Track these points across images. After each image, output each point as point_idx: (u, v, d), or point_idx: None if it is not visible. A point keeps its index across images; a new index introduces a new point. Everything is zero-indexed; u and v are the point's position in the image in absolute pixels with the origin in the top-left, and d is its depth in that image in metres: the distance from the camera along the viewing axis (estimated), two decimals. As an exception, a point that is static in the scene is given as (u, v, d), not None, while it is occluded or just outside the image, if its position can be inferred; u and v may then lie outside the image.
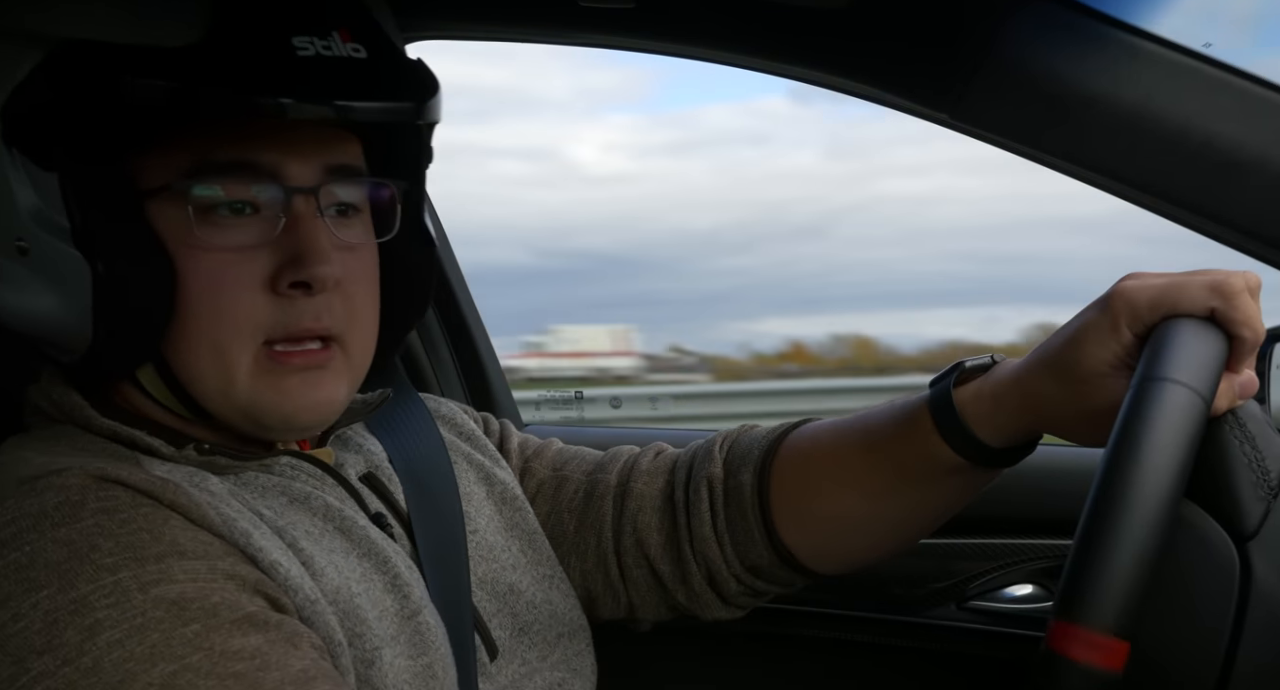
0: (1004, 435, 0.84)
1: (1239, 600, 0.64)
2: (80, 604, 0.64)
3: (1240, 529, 0.66)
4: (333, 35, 0.75)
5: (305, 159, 0.78)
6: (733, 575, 0.97)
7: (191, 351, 0.77)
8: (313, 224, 0.77)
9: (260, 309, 0.76)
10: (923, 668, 1.28)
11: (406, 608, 0.81)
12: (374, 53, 0.77)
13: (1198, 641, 0.64)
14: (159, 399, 0.80)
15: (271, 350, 0.78)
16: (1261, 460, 0.69)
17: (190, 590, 0.66)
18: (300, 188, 0.77)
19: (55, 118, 0.75)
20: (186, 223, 0.75)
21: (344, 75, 0.75)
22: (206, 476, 0.77)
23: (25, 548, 0.66)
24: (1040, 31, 0.88)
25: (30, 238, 0.76)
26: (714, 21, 1.01)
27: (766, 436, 0.98)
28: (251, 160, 0.76)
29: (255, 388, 0.77)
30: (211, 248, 0.75)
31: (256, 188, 0.76)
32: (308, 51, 0.74)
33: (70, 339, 0.77)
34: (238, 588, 0.68)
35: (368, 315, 0.83)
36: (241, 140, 0.76)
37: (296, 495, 0.81)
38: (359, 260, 0.82)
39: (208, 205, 0.75)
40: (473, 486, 0.98)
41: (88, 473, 0.70)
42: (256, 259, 0.76)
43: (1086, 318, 0.78)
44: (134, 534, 0.67)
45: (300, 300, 0.77)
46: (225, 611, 0.66)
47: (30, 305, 0.77)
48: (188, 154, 0.75)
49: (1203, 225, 0.88)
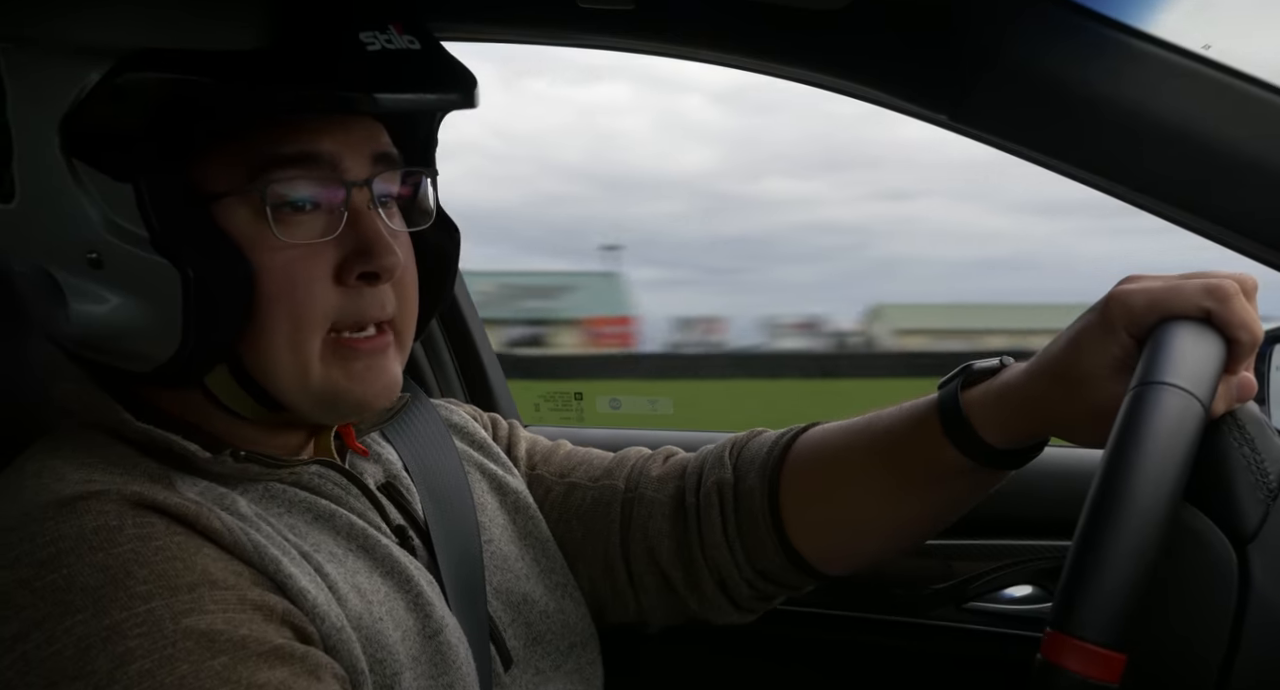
0: (1009, 437, 0.85)
1: (1238, 602, 0.64)
2: (113, 632, 0.65)
3: (1239, 531, 0.66)
4: (390, 29, 0.77)
5: (357, 151, 0.80)
6: (744, 579, 0.97)
7: (267, 347, 0.78)
8: (371, 216, 0.80)
9: (331, 300, 0.79)
10: (924, 669, 1.28)
11: (428, 627, 0.82)
12: (425, 44, 0.80)
13: (1196, 643, 0.64)
14: (227, 401, 0.81)
15: (340, 338, 0.80)
16: (1260, 462, 0.69)
17: (220, 622, 0.67)
18: (357, 181, 0.79)
19: (125, 127, 0.75)
20: (260, 222, 0.76)
21: (409, 67, 0.78)
22: (236, 499, 0.78)
23: (64, 570, 0.67)
24: (1040, 32, 0.88)
25: (104, 249, 0.76)
26: (714, 22, 1.01)
27: (775, 441, 0.99)
28: (314, 152, 0.78)
29: (329, 375, 0.79)
30: (284, 245, 0.77)
31: (320, 185, 0.78)
32: (374, 46, 0.76)
33: (154, 346, 0.77)
34: (265, 619, 0.70)
35: (414, 301, 0.86)
36: (303, 133, 0.77)
37: (321, 512, 0.82)
38: (405, 248, 0.84)
39: (277, 204, 0.77)
40: (485, 496, 0.99)
41: (124, 497, 0.71)
42: (324, 253, 0.78)
43: (1084, 321, 0.79)
44: (168, 562, 0.69)
45: (366, 290, 0.80)
46: (253, 644, 0.67)
47: (109, 317, 0.78)
48: (252, 152, 0.76)
49: (1202, 226, 0.88)
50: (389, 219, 0.82)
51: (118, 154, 0.75)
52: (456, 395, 1.54)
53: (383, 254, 0.79)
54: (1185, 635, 0.64)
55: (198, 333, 0.76)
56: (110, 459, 0.77)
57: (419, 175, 0.87)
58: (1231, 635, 0.63)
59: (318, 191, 0.78)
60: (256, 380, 0.79)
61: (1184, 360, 0.67)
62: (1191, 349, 0.68)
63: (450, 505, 0.93)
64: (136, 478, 0.75)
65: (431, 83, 0.80)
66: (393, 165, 0.83)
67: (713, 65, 1.05)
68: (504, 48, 1.13)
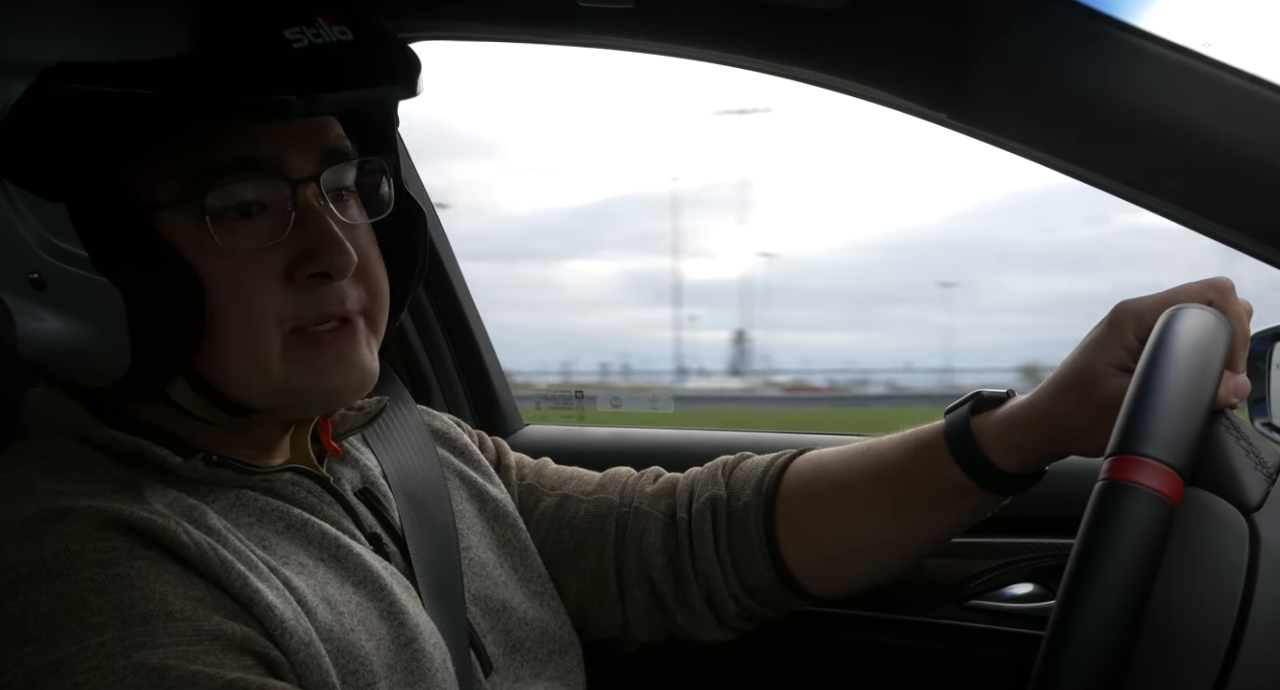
0: (1018, 460, 0.88)
1: (1250, 561, 0.66)
2: (62, 665, 0.64)
3: (1245, 503, 0.68)
4: (318, 21, 0.73)
5: (302, 147, 0.77)
6: (732, 596, 0.98)
7: (223, 356, 0.76)
8: (320, 213, 0.77)
9: (284, 301, 0.76)
10: (923, 667, 1.28)
11: (402, 635, 0.81)
12: (359, 33, 0.75)
13: (1212, 603, 0.65)
14: (192, 410, 0.79)
15: (299, 333, 0.78)
16: (1258, 453, 0.72)
17: (172, 656, 0.66)
18: (303, 178, 0.77)
19: (52, 145, 0.73)
20: (202, 231, 0.74)
21: (339, 62, 0.74)
22: (205, 511, 0.77)
23: (20, 598, 0.67)
24: (1040, 31, 0.88)
25: (44, 270, 0.74)
26: (714, 22, 1.01)
27: (770, 461, 1.00)
28: (253, 157, 0.75)
29: (290, 372, 0.77)
30: (228, 252, 0.75)
31: (263, 186, 0.75)
32: (301, 42, 0.72)
33: (106, 365, 0.76)
34: (223, 650, 0.68)
35: (384, 286, 0.83)
36: (239, 137, 0.75)
37: (293, 522, 0.81)
38: (365, 237, 0.82)
39: (219, 211, 0.74)
40: (464, 503, 0.98)
41: (90, 517, 0.70)
42: (273, 255, 0.76)
43: (1093, 334, 0.83)
44: (125, 591, 0.68)
45: (321, 288, 0.77)
46: (204, 681, 0.66)
47: (56, 338, 0.76)
48: (187, 160, 0.74)
49: (1203, 225, 0.88)
50: (344, 211, 0.79)
51: (47, 173, 0.73)
52: (459, 396, 1.54)
53: (333, 253, 0.76)
54: (1202, 596, 0.65)
55: (148, 351, 0.74)
56: (81, 466, 0.76)
57: (375, 161, 0.83)
58: (1244, 594, 0.64)
59: (260, 194, 0.75)
60: (217, 389, 0.77)
61: (1192, 340, 0.70)
62: (1199, 334, 0.71)
63: (427, 511, 0.92)
64: (106, 487, 0.74)
65: (369, 75, 0.76)
66: (344, 157, 0.80)
67: (713, 65, 1.05)
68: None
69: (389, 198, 0.84)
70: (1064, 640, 0.58)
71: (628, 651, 1.06)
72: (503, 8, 1.10)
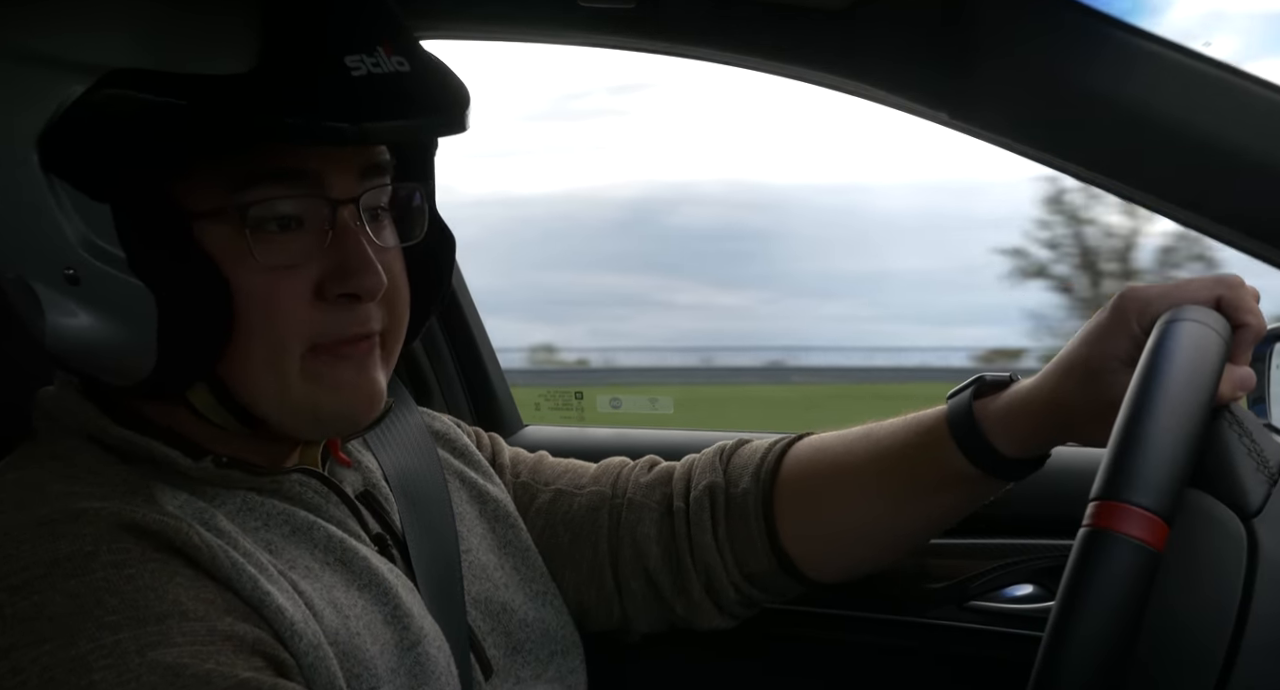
0: (1021, 445, 0.88)
1: (1247, 570, 0.65)
2: (78, 663, 0.65)
3: (1245, 508, 0.68)
4: (377, 51, 0.74)
5: (346, 165, 0.78)
6: (731, 583, 0.98)
7: (246, 366, 0.76)
8: (356, 234, 0.78)
9: (311, 319, 0.77)
10: (923, 668, 1.28)
11: (406, 639, 0.81)
12: (415, 64, 0.76)
13: (1210, 610, 0.65)
14: (207, 414, 0.80)
15: (318, 349, 0.78)
16: (1260, 451, 0.71)
17: (186, 655, 0.66)
18: (343, 199, 0.77)
19: (104, 146, 0.73)
20: (240, 241, 0.74)
21: (396, 92, 0.75)
22: (215, 514, 0.77)
23: (34, 597, 0.67)
24: (1040, 32, 0.88)
25: (81, 267, 0.75)
26: (714, 21, 1.01)
27: (769, 447, 0.99)
28: (296, 168, 0.75)
29: (308, 390, 0.78)
30: (263, 266, 0.75)
31: (304, 203, 0.76)
32: (360, 71, 0.72)
33: (131, 364, 0.76)
34: (235, 650, 0.69)
35: (405, 313, 0.84)
36: (286, 151, 0.75)
37: (300, 525, 0.82)
38: (396, 262, 0.82)
39: (259, 222, 0.75)
40: (465, 505, 0.98)
41: (103, 519, 0.70)
42: (305, 271, 0.76)
43: (1098, 319, 0.82)
44: (139, 592, 0.68)
45: (347, 308, 0.78)
46: (218, 679, 0.66)
47: (85, 334, 0.77)
48: (232, 171, 0.74)
49: (1203, 225, 0.88)
50: (379, 233, 0.80)
51: (96, 173, 0.74)
52: (459, 397, 1.54)
53: (365, 275, 0.77)
54: (1199, 602, 0.65)
55: (174, 355, 0.75)
56: (92, 468, 0.77)
57: (414, 187, 0.84)
58: (1242, 601, 0.64)
59: (300, 209, 0.76)
60: (236, 398, 0.78)
61: (1193, 347, 0.70)
62: (1197, 342, 0.70)
63: (428, 514, 0.92)
64: (117, 489, 0.75)
65: (418, 108, 0.76)
66: (385, 174, 0.81)
67: (712, 64, 1.05)
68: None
69: (423, 224, 0.85)
70: (1049, 685, 0.58)
71: (629, 644, 1.05)
72: (502, 8, 1.10)
